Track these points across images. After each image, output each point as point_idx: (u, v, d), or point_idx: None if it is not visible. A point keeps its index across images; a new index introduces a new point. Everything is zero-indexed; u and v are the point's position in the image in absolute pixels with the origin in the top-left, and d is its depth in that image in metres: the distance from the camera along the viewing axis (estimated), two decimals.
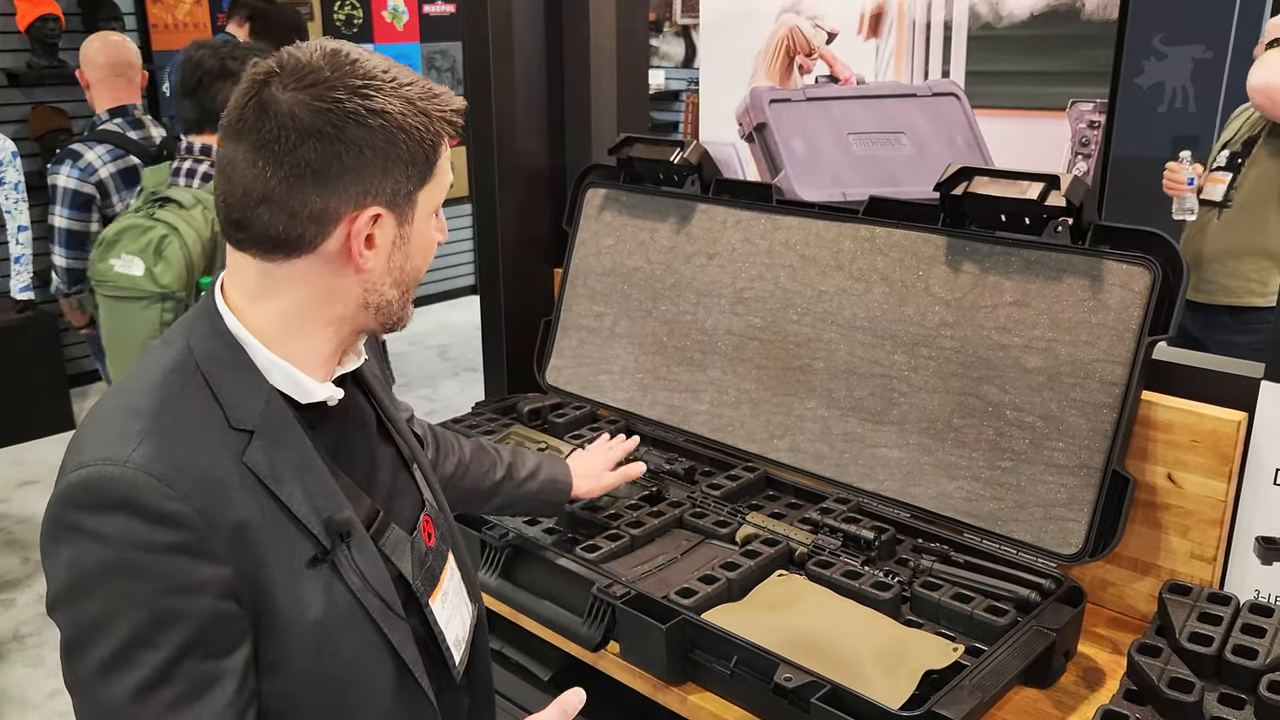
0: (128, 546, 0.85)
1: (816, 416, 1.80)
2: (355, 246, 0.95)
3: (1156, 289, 1.47)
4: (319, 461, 0.98)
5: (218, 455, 0.91)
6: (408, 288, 1.02)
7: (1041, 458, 1.55)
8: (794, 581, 1.52)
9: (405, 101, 0.93)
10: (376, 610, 0.99)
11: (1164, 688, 1.26)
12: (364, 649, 0.99)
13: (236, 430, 0.93)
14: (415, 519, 1.10)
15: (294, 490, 0.94)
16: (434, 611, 1.09)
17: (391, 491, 1.10)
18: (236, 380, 0.95)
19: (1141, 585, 1.58)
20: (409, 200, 0.97)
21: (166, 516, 0.85)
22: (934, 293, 1.68)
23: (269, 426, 0.95)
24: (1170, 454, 1.51)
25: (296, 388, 0.98)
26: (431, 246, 1.03)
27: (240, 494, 0.90)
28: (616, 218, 2.14)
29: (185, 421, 0.91)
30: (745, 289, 1.92)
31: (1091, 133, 1.60)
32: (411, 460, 1.16)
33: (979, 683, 1.27)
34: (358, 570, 0.98)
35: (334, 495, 0.98)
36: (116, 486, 0.85)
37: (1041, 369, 1.56)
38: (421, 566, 1.08)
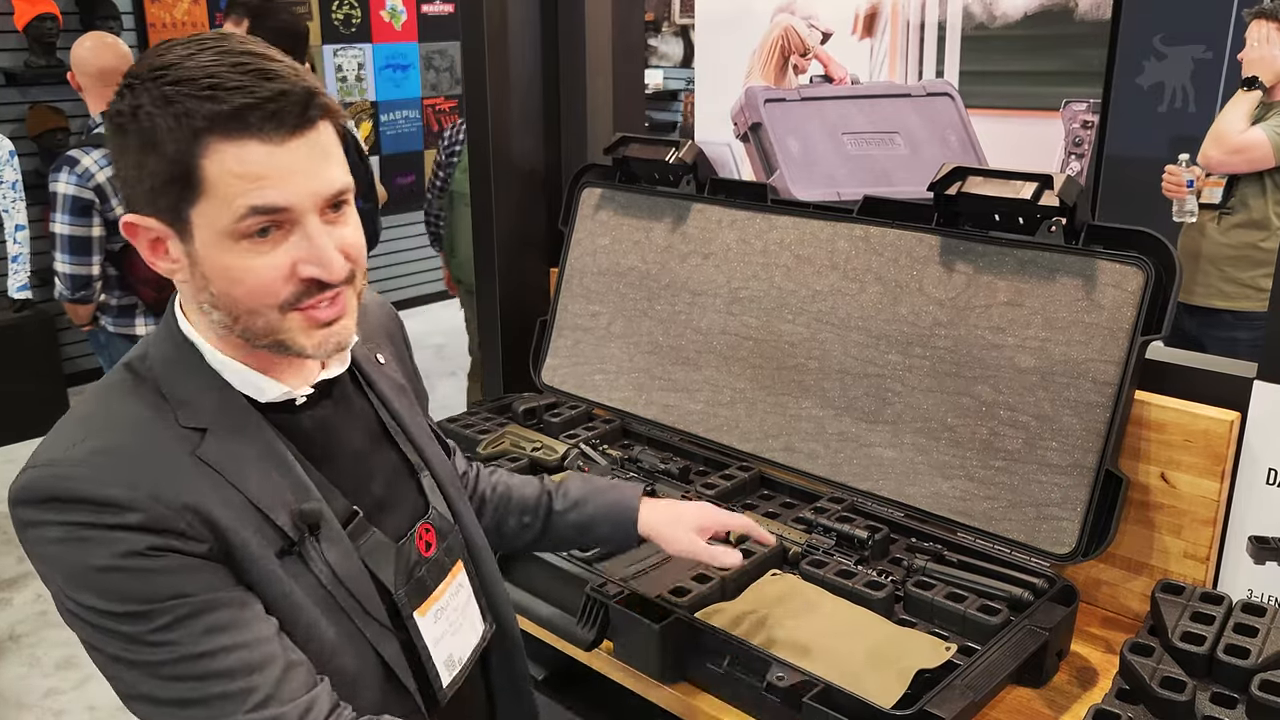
0: (73, 527, 0.85)
1: (811, 416, 1.80)
2: (147, 257, 0.92)
3: (1149, 289, 1.47)
4: (287, 455, 0.97)
5: (164, 451, 0.90)
6: (236, 313, 0.91)
7: (1035, 457, 1.55)
8: (787, 581, 1.52)
9: (162, 99, 0.84)
10: (352, 608, 0.98)
11: (1156, 687, 1.26)
12: (342, 642, 0.97)
13: (187, 429, 0.92)
14: (410, 527, 1.07)
15: (255, 481, 0.93)
16: (419, 625, 1.05)
17: (385, 498, 1.07)
18: (188, 381, 0.94)
19: (1135, 584, 1.58)
20: (181, 218, 0.88)
21: (105, 500, 0.86)
22: (928, 292, 1.68)
23: (225, 422, 0.94)
24: (1163, 453, 1.52)
25: (251, 386, 0.97)
26: (245, 276, 0.89)
27: (197, 483, 0.90)
28: (612, 217, 2.14)
29: (126, 420, 0.91)
30: (740, 289, 1.92)
31: (1085, 133, 1.60)
32: (421, 469, 1.13)
33: (971, 682, 1.28)
34: (326, 563, 0.96)
35: (303, 487, 0.96)
36: (53, 482, 0.86)
37: (1035, 369, 1.56)
38: (409, 575, 1.05)
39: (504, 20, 2.18)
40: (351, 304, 0.96)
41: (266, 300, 0.90)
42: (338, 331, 0.95)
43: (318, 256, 0.90)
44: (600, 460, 1.87)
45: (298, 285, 0.91)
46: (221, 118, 0.84)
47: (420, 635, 1.05)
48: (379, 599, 1.01)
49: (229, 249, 0.88)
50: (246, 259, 0.89)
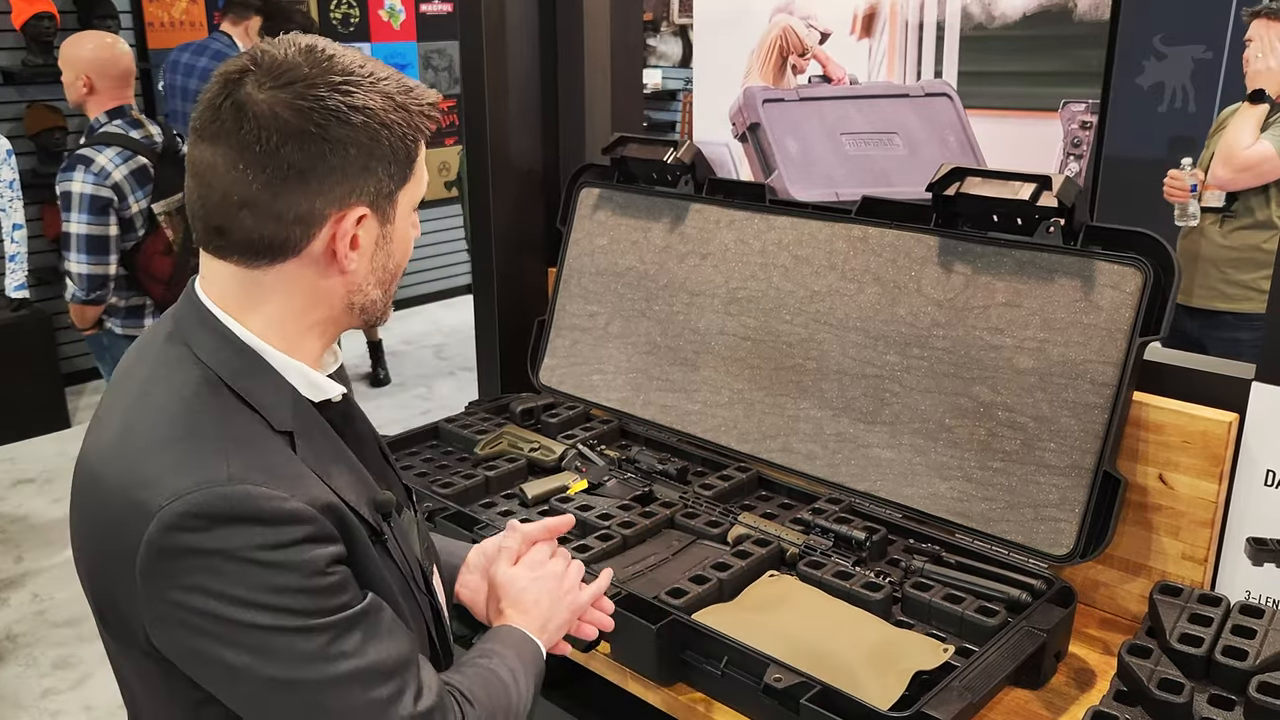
0: (258, 550, 0.86)
1: (809, 417, 1.80)
2: (341, 249, 0.94)
3: (1148, 290, 1.47)
4: (349, 452, 1.01)
5: (290, 459, 0.92)
6: (389, 286, 1.01)
7: (1033, 458, 1.55)
8: (785, 582, 1.52)
9: (385, 97, 0.92)
10: (415, 583, 1.04)
11: (1154, 689, 1.26)
12: (414, 612, 1.03)
13: (279, 433, 0.93)
14: (407, 502, 1.14)
15: (339, 477, 0.96)
16: (434, 582, 1.13)
17: (389, 479, 1.12)
18: (263, 387, 0.95)
19: (1133, 586, 1.58)
20: (390, 199, 0.96)
21: (288, 515, 0.87)
22: (926, 293, 1.68)
23: (302, 426, 0.96)
24: (1161, 455, 1.51)
25: (312, 387, 0.99)
26: (410, 244, 1.02)
27: (316, 483, 0.92)
28: (610, 217, 2.14)
29: (244, 431, 0.92)
30: (738, 289, 1.92)
31: (1083, 133, 1.60)
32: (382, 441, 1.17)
33: (969, 683, 1.27)
34: (399, 545, 1.02)
35: (368, 480, 1.01)
36: (230, 503, 0.86)
37: (1033, 370, 1.56)
38: (425, 545, 1.14)
39: (502, 20, 2.18)
40: None
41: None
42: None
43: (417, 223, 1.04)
44: (598, 461, 1.87)
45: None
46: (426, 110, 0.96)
47: (438, 599, 1.12)
48: (418, 566, 1.07)
49: (409, 221, 1.01)
50: (411, 229, 1.02)
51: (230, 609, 0.86)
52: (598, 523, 1.67)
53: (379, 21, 6.10)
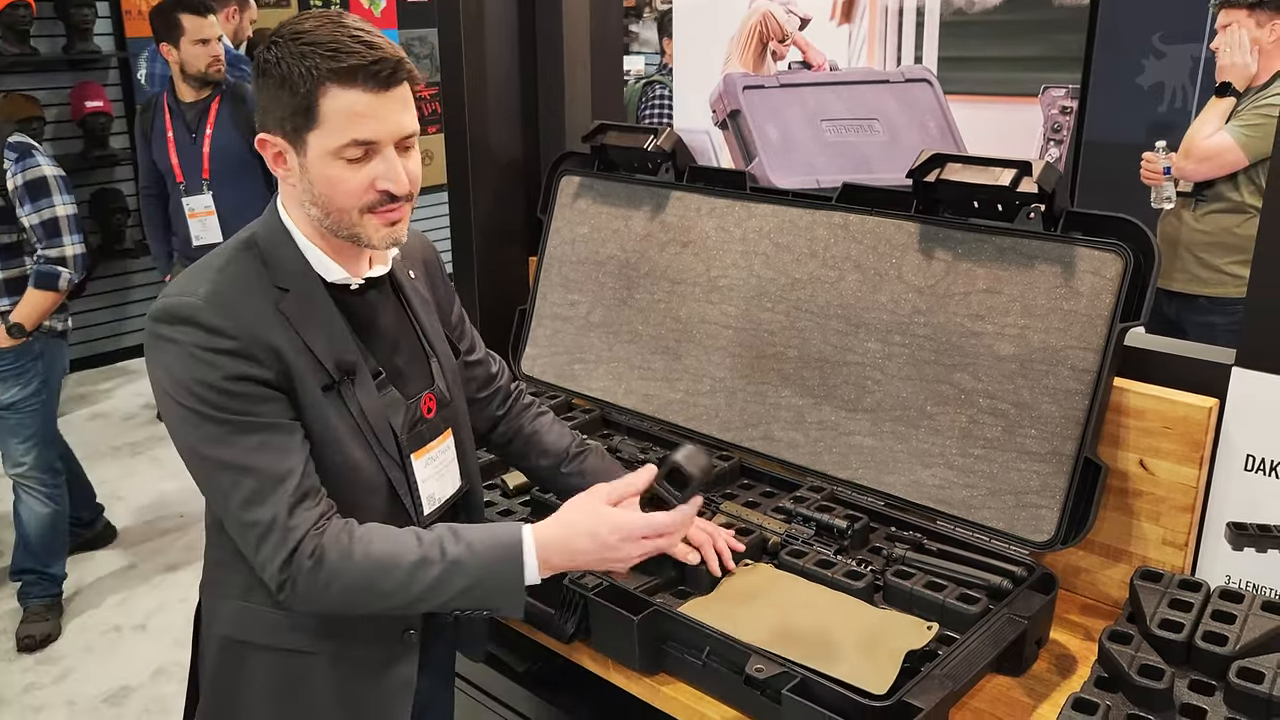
0: (195, 347, 1.18)
1: (790, 405, 1.79)
2: (271, 165, 1.25)
3: (1128, 275, 1.47)
4: (339, 320, 1.28)
5: (261, 301, 1.23)
6: (330, 212, 1.24)
7: (1014, 445, 1.55)
8: (762, 571, 1.51)
9: (298, 56, 1.17)
10: (373, 440, 1.30)
11: (1134, 675, 1.26)
12: (364, 459, 1.30)
13: (277, 288, 1.25)
14: (419, 394, 1.38)
15: (314, 333, 1.25)
16: (414, 464, 1.36)
17: (405, 370, 1.37)
18: (282, 254, 1.27)
19: (1114, 571, 1.58)
20: (300, 138, 1.21)
21: (218, 329, 1.19)
22: (907, 280, 1.67)
23: (302, 287, 1.26)
24: (1142, 440, 1.51)
25: (322, 267, 1.29)
26: (338, 184, 1.21)
27: (276, 329, 1.22)
28: (591, 205, 2.12)
29: (239, 275, 1.24)
30: (719, 277, 1.91)
31: (1063, 118, 1.59)
32: (431, 356, 1.42)
33: (950, 671, 1.27)
34: (359, 405, 1.29)
35: (347, 344, 1.28)
36: (184, 308, 1.19)
37: (1014, 356, 1.56)
38: (412, 426, 1.35)
39: (481, 8, 2.16)
40: (408, 215, 1.28)
41: (351, 203, 1.23)
42: (397, 231, 1.27)
43: (392, 176, 1.22)
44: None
45: (374, 195, 1.23)
46: (338, 72, 1.17)
47: (413, 472, 1.36)
48: (392, 438, 1.32)
49: (331, 165, 1.21)
50: (344, 173, 1.21)
51: (170, 385, 1.20)
52: None
53: (360, 8, 6.06)
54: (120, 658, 3.14)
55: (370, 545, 1.22)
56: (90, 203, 5.21)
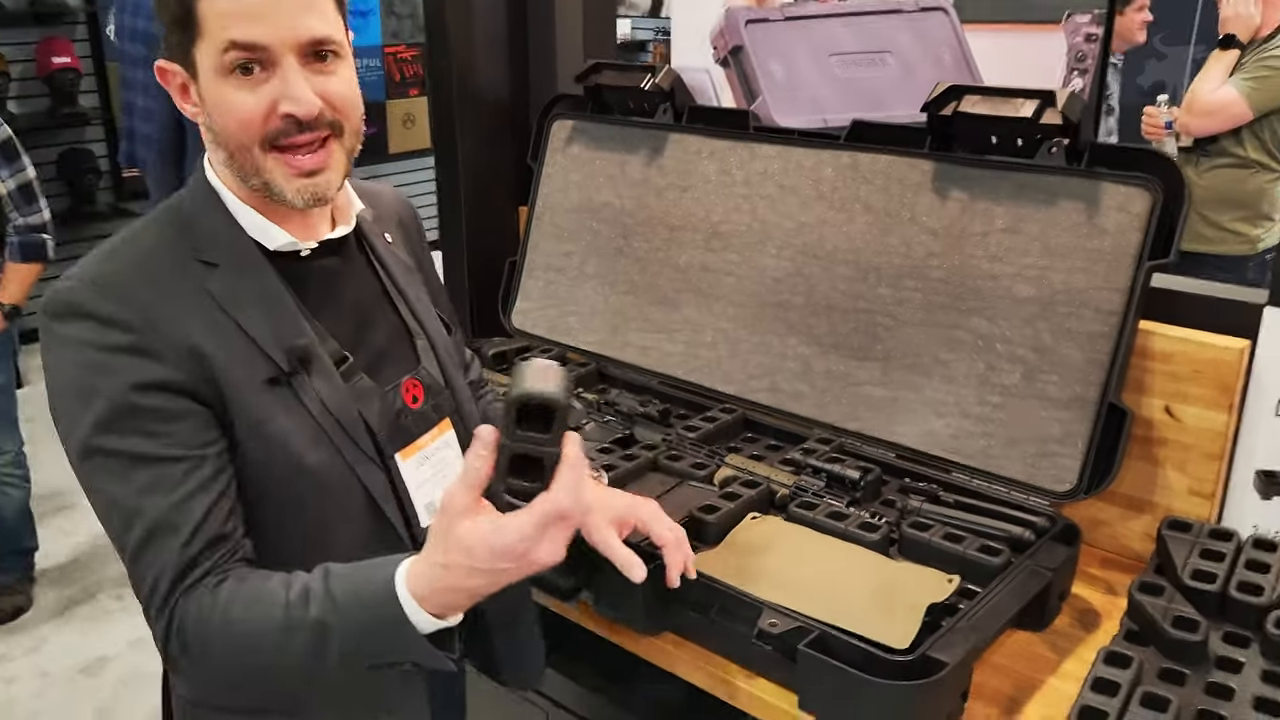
0: (86, 346, 0.98)
1: (797, 355, 1.72)
2: (180, 103, 1.05)
3: (1156, 212, 1.40)
4: (286, 297, 1.07)
5: (178, 281, 1.02)
6: (233, 151, 1.03)
7: (1034, 391, 1.48)
8: (770, 523, 1.44)
9: None
10: (340, 440, 1.07)
11: (1168, 627, 1.20)
12: (328, 470, 1.07)
13: (202, 263, 1.04)
14: (398, 381, 1.16)
15: (253, 316, 1.04)
16: (400, 466, 1.14)
17: (381, 352, 1.16)
18: (209, 220, 1.07)
19: (1136, 523, 1.51)
20: (188, 56, 1.01)
21: (113, 320, 0.98)
22: (920, 221, 1.59)
23: (234, 260, 1.06)
24: (1169, 385, 1.45)
25: (261, 232, 1.08)
26: (229, 110, 1.01)
27: (194, 316, 1.01)
28: (584, 151, 2.03)
29: (149, 250, 1.04)
30: (721, 223, 1.82)
31: (1088, 46, 1.51)
32: (417, 333, 1.21)
33: (974, 624, 1.20)
34: (317, 396, 1.06)
35: (297, 326, 1.06)
36: (72, 296, 1.00)
37: (1034, 298, 1.48)
38: (393, 420, 1.14)
39: None
40: (338, 160, 1.06)
41: (249, 133, 1.01)
42: (319, 184, 1.05)
43: (292, 94, 1.00)
44: (575, 405, 1.78)
45: (277, 122, 1.01)
46: None
47: (400, 475, 1.14)
48: (367, 436, 1.10)
49: (220, 84, 1.00)
50: (234, 93, 1.00)
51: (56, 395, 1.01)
52: None
53: None
54: (96, 628, 3.05)
55: (230, 610, 0.97)
56: (58, 163, 5.05)
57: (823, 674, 1.15)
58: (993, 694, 1.24)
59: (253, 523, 1.05)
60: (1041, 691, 1.25)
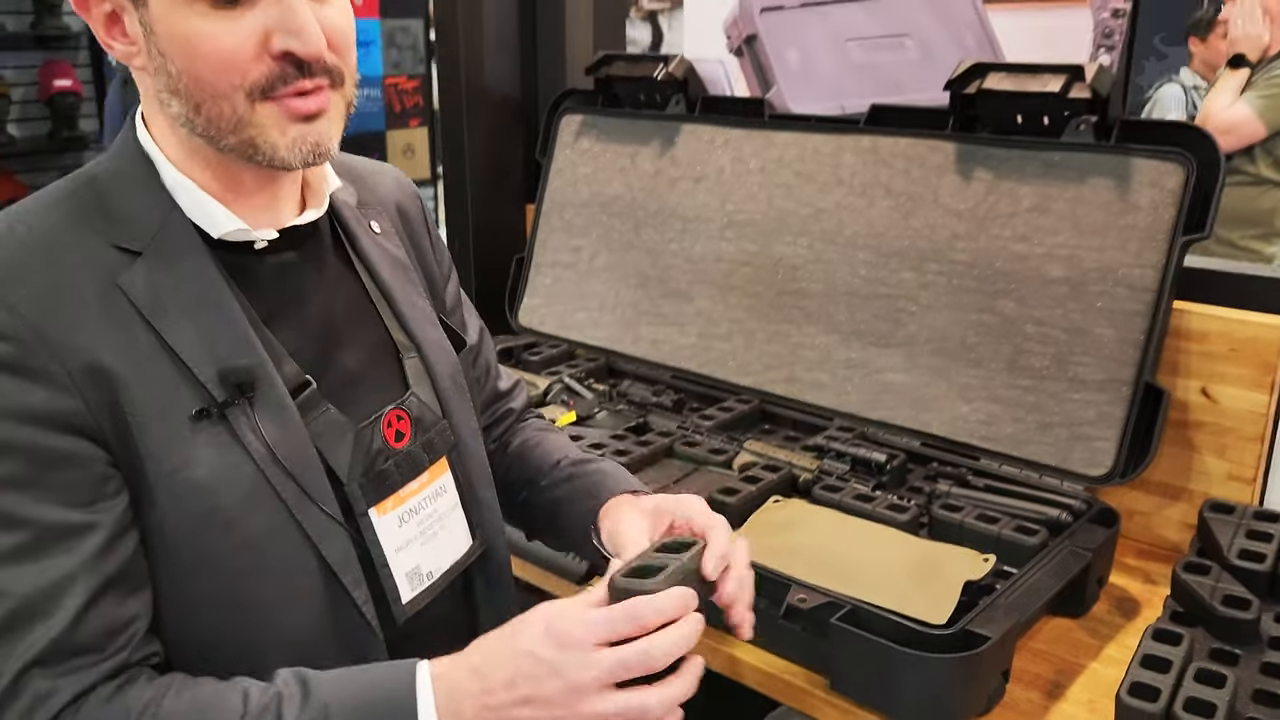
0: None
1: (815, 344, 1.67)
2: (103, 39, 0.81)
3: (1190, 186, 1.36)
4: (231, 303, 0.83)
5: (83, 275, 0.78)
6: (199, 99, 0.79)
7: (1065, 374, 1.42)
8: (794, 505, 1.38)
9: None
10: (290, 495, 0.82)
11: (1218, 606, 1.14)
12: (273, 536, 0.82)
13: (119, 250, 0.80)
14: (377, 414, 0.91)
15: (181, 326, 0.80)
16: (375, 525, 0.89)
17: (356, 376, 0.92)
18: (136, 198, 0.82)
19: (1172, 512, 1.46)
20: None
21: None
22: (944, 204, 1.55)
23: (164, 251, 0.81)
24: (1205, 366, 1.40)
25: (203, 214, 0.84)
26: (201, 46, 0.77)
27: (100, 321, 0.77)
28: (594, 144, 1.99)
29: (48, 232, 0.79)
30: (736, 212, 1.78)
31: (1115, 22, 1.48)
32: (408, 350, 0.97)
33: (1014, 603, 1.14)
34: (261, 436, 0.81)
35: (241, 342, 0.82)
36: None
37: (1064, 278, 1.44)
38: (369, 466, 0.89)
39: None
40: (337, 109, 0.84)
41: (232, 79, 0.78)
42: (318, 131, 0.82)
43: (294, 25, 0.77)
44: (586, 394, 1.72)
45: (270, 65, 0.78)
46: None
47: (375, 537, 0.89)
48: (329, 488, 0.85)
49: (187, 17, 0.76)
50: (209, 24, 0.76)
51: None
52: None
53: None
54: None
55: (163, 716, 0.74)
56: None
57: (856, 650, 1.08)
58: (1033, 679, 1.18)
59: (164, 611, 0.80)
60: (1084, 675, 1.19)
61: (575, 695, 0.75)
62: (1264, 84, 2.99)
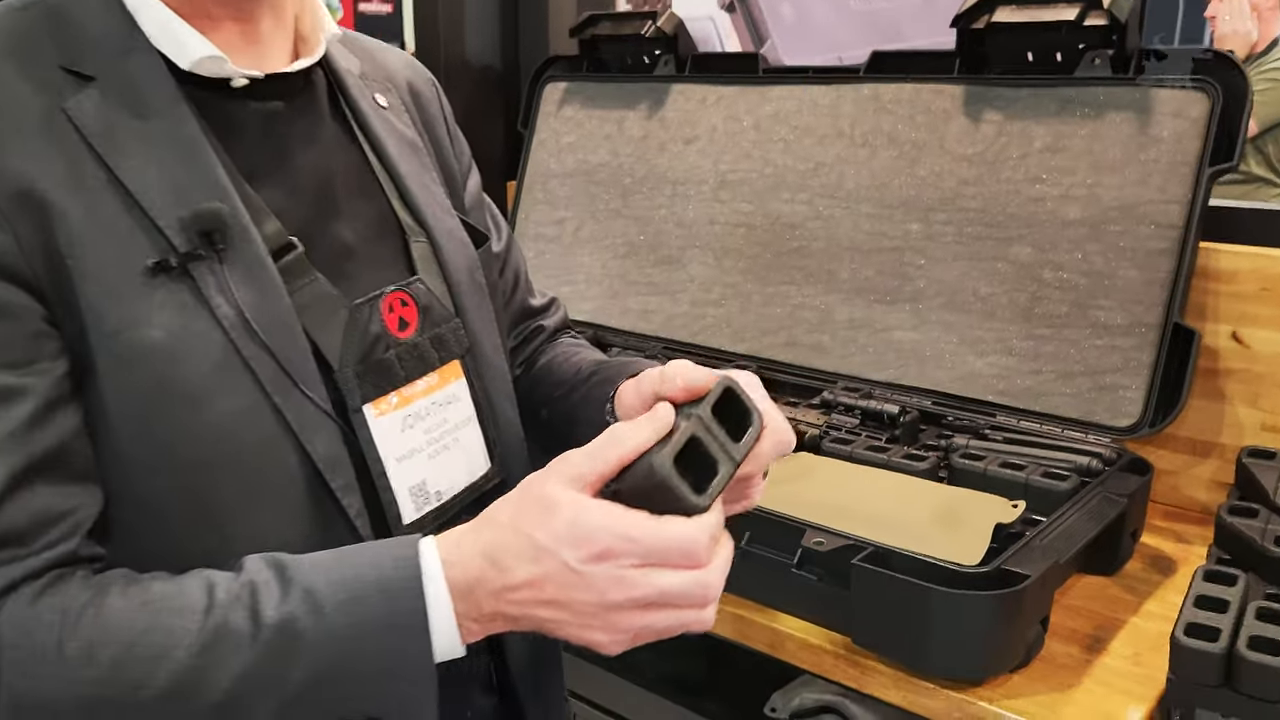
0: None
1: (815, 305, 1.57)
2: None
3: (1216, 115, 1.28)
4: (202, 143, 0.70)
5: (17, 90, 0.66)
6: None
7: (1086, 320, 1.34)
8: (802, 458, 1.27)
9: None
10: (267, 372, 0.68)
11: (1271, 546, 1.04)
12: (244, 422, 0.68)
13: (69, 73, 0.68)
14: (377, 293, 0.77)
15: (139, 162, 0.67)
16: (371, 424, 0.74)
17: (352, 250, 0.78)
18: (93, 20, 0.70)
19: (1202, 469, 1.36)
20: None
21: None
22: (951, 149, 1.47)
23: (123, 79, 0.69)
24: (1235, 308, 1.31)
25: (171, 40, 0.71)
26: None
27: (38, 144, 0.65)
28: (579, 111, 1.90)
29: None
30: (729, 172, 1.69)
31: None
32: (414, 232, 0.83)
33: (1050, 544, 1.04)
34: (234, 302, 0.68)
35: (212, 186, 0.69)
36: None
37: (1083, 219, 1.35)
38: (365, 352, 0.74)
39: None
40: None
41: None
42: None
43: None
44: None
45: None
46: None
47: (371, 438, 0.74)
48: (315, 371, 0.71)
49: None
50: None
51: None
52: None
53: None
54: None
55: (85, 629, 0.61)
56: None
57: (881, 595, 0.98)
58: (1070, 633, 1.07)
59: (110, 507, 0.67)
60: (1125, 630, 1.08)
61: (609, 610, 0.65)
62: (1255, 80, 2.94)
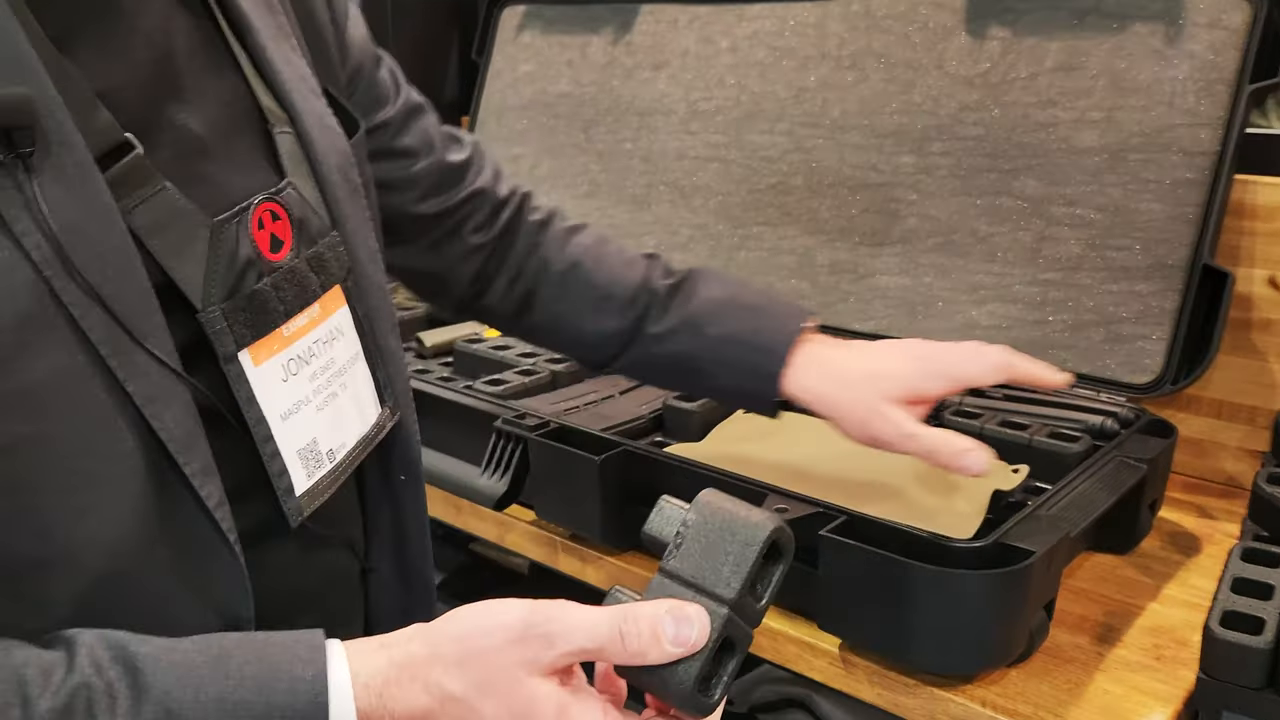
0: None
1: (793, 247, 1.40)
2: None
3: (1260, 23, 1.10)
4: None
5: None
6: None
7: (1102, 261, 1.16)
8: None
9: None
10: (95, 323, 0.51)
11: None
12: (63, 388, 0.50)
13: None
14: (244, 204, 0.60)
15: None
16: (250, 377, 0.58)
17: (205, 145, 0.60)
18: None
19: (1229, 435, 1.19)
20: None
21: None
22: (950, 70, 1.29)
23: None
24: (1273, 250, 1.14)
25: None
26: None
27: None
28: (538, 38, 1.72)
29: None
30: (700, 100, 1.51)
31: None
32: (279, 122, 0.65)
33: (1057, 516, 0.87)
34: (46, 225, 0.49)
35: (11, 60, 0.50)
36: None
37: (1099, 147, 1.18)
38: (233, 283, 0.58)
39: None
40: None
41: None
42: None
43: None
44: None
45: None
46: None
47: (252, 394, 0.58)
48: (159, 314, 0.54)
49: None
50: None
51: None
52: (517, 359, 1.24)
53: None
54: None
55: None
56: None
57: (855, 573, 0.81)
58: (1077, 621, 0.91)
59: None
60: (1143, 618, 0.92)
61: None
62: None
